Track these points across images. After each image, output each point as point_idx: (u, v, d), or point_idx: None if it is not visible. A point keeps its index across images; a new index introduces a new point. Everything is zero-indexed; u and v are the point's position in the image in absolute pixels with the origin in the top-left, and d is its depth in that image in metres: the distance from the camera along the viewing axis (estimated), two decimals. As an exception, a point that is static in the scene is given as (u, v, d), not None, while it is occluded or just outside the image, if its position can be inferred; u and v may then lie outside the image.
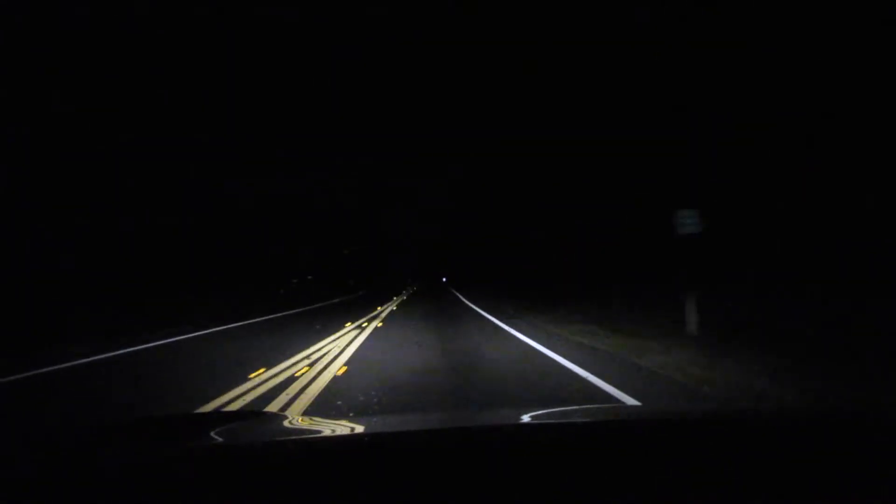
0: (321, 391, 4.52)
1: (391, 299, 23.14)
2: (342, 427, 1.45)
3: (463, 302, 19.63)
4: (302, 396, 4.34)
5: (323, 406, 4.06)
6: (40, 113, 13.09)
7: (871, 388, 4.17)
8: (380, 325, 10.93)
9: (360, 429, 1.36)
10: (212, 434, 1.18)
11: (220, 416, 1.41)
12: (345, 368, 5.57)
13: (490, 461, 0.97)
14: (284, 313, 15.19)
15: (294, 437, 1.31)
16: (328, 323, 11.26)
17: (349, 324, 10.85)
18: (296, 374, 5.24)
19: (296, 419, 2.16)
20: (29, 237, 13.23)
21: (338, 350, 6.91)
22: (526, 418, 1.43)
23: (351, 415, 3.76)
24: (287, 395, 4.41)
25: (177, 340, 8.71)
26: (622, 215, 18.43)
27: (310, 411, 3.98)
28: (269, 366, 5.70)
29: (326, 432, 1.40)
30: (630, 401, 4.00)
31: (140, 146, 15.66)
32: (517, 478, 0.91)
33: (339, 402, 4.16)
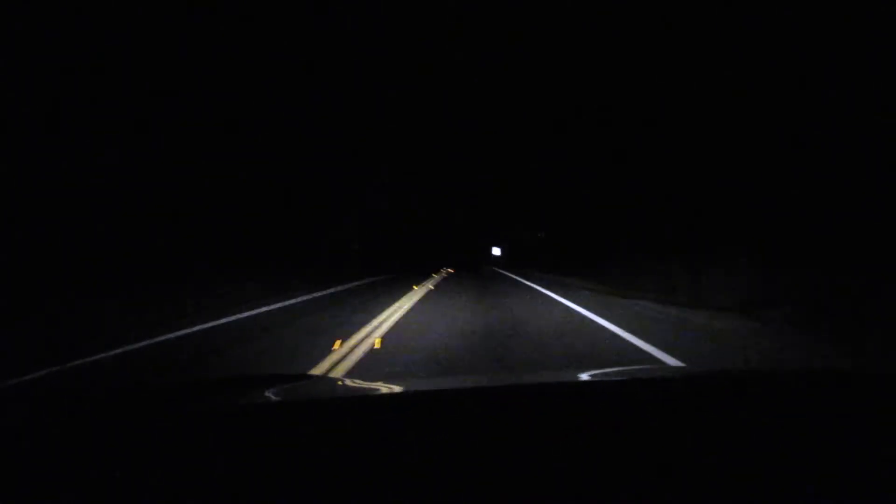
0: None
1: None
2: (389, 388, 1.43)
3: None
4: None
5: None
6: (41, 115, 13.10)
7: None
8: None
9: (404, 389, 1.37)
10: (265, 393, 1.22)
11: (267, 379, 1.47)
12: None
13: (530, 419, 0.99)
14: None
15: (338, 396, 1.33)
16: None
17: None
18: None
19: (342, 381, 2.18)
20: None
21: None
22: (579, 377, 1.46)
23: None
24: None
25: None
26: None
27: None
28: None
29: (373, 393, 1.40)
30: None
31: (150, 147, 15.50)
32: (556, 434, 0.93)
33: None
